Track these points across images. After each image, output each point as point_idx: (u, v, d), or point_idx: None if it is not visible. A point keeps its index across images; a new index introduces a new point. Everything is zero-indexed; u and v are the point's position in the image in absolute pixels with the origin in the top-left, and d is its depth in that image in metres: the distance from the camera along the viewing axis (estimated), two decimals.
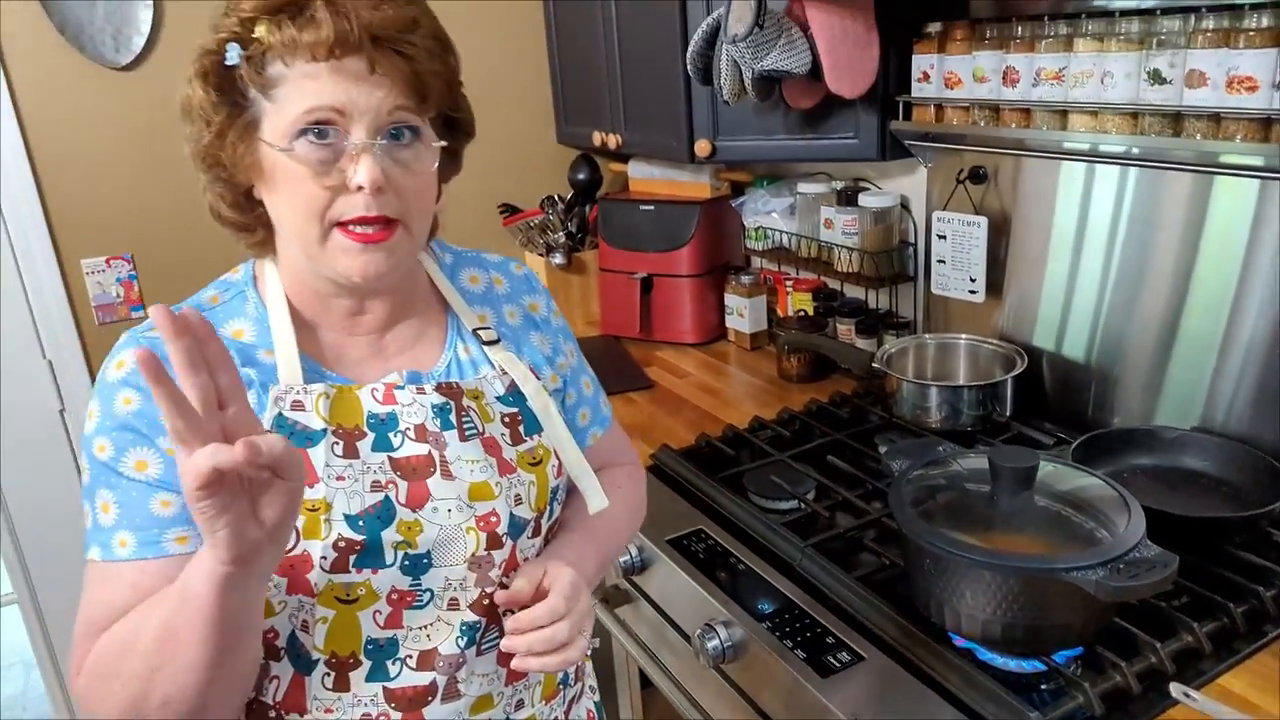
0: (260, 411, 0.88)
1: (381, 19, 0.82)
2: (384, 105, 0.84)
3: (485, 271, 1.10)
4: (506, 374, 1.01)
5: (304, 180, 0.84)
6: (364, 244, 0.86)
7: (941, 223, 1.82)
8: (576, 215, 2.66)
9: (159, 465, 0.86)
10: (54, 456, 2.25)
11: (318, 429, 0.88)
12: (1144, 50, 1.40)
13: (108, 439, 0.87)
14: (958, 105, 1.71)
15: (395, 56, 0.83)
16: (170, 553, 0.86)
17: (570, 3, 2.41)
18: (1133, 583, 1.00)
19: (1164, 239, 1.51)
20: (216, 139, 0.87)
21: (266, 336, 0.93)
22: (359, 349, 0.97)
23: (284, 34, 0.81)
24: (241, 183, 0.90)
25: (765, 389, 2.13)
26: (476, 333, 1.02)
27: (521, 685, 1.01)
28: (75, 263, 2.17)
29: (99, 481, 0.87)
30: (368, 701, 0.92)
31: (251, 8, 0.83)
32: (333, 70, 0.82)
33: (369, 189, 0.84)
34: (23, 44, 2.03)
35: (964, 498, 1.24)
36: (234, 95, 0.86)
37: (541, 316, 1.11)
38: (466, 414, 0.96)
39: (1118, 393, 1.63)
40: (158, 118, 2.19)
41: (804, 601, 1.31)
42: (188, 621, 0.75)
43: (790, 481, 1.58)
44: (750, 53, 1.67)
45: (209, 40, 0.86)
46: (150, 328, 0.91)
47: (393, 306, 0.98)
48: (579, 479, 1.02)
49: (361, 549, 0.88)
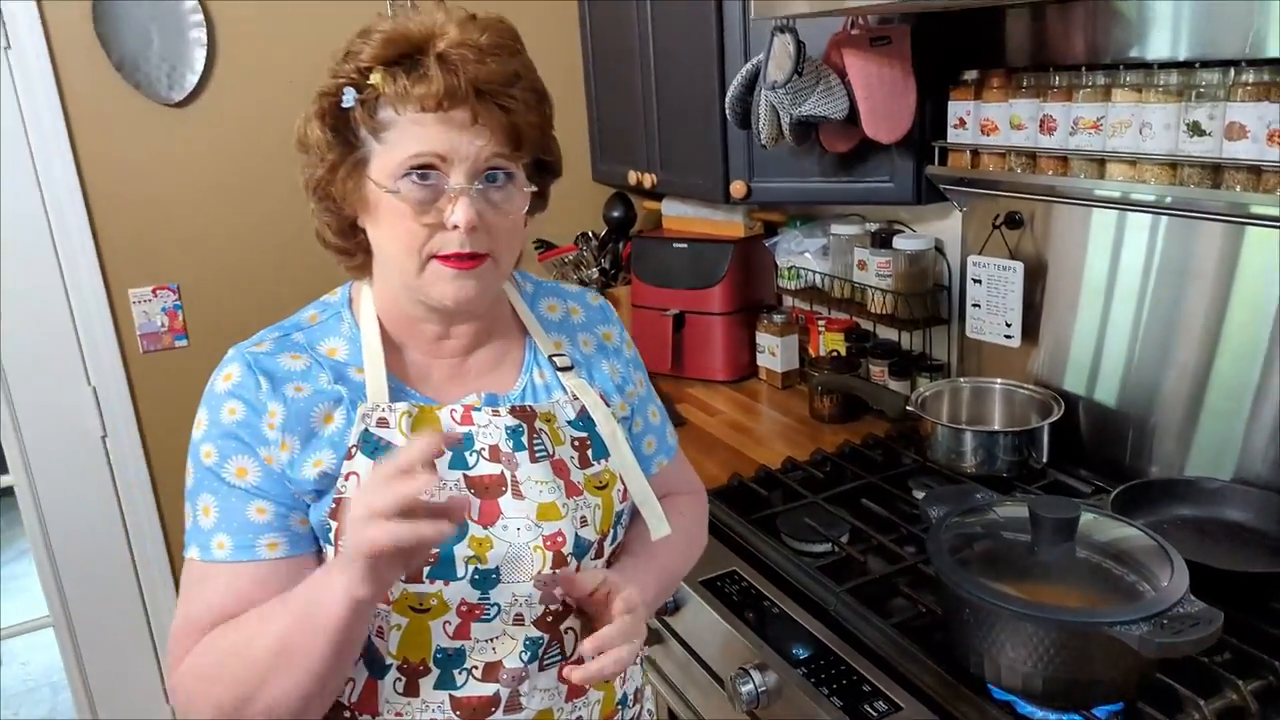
0: (348, 427, 0.95)
1: (487, 74, 0.89)
2: (482, 153, 0.91)
3: (563, 301, 1.16)
4: (578, 399, 1.06)
5: (405, 217, 0.91)
6: (457, 270, 0.93)
7: (977, 267, 1.83)
8: (610, 252, 2.69)
9: (258, 473, 0.93)
10: (95, 482, 2.28)
11: (400, 446, 0.93)
12: (1183, 102, 1.41)
13: (214, 445, 0.94)
14: (994, 151, 1.72)
15: (496, 109, 0.90)
16: (262, 557, 0.93)
17: (609, 45, 2.46)
18: (1177, 639, 0.99)
19: (1197, 288, 1.51)
20: (329, 173, 0.95)
21: (358, 355, 0.99)
22: (442, 370, 1.03)
23: (398, 85, 0.89)
24: (348, 213, 0.98)
25: (796, 429, 2.13)
26: (552, 359, 1.08)
27: (581, 703, 1.03)
28: (123, 292, 2.21)
29: (202, 485, 0.94)
30: (435, 708, 0.96)
31: (369, 57, 0.91)
32: (438, 120, 0.89)
33: (464, 228, 0.90)
34: (81, 79, 2.09)
35: (1002, 546, 1.24)
36: (347, 135, 0.93)
37: (614, 346, 1.15)
38: (538, 436, 1.01)
39: (1155, 441, 1.62)
40: (207, 153, 2.25)
41: (839, 647, 1.31)
42: (310, 638, 0.83)
43: (824, 524, 1.58)
44: (789, 98, 1.69)
45: (328, 84, 0.94)
46: (255, 343, 0.99)
47: (476, 332, 1.04)
48: (642, 505, 1.06)
49: (435, 561, 0.93)
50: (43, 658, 3.45)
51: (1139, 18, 1.53)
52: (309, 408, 0.95)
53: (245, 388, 0.95)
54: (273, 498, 0.93)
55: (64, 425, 2.23)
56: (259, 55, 2.25)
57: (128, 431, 2.27)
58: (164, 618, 2.40)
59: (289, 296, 2.35)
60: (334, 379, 0.97)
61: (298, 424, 0.94)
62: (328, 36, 2.60)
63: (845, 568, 1.47)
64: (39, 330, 2.16)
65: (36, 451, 2.21)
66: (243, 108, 2.26)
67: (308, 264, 2.38)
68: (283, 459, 0.93)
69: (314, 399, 0.95)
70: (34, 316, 2.15)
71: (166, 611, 2.39)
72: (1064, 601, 1.11)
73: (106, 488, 2.30)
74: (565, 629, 1.00)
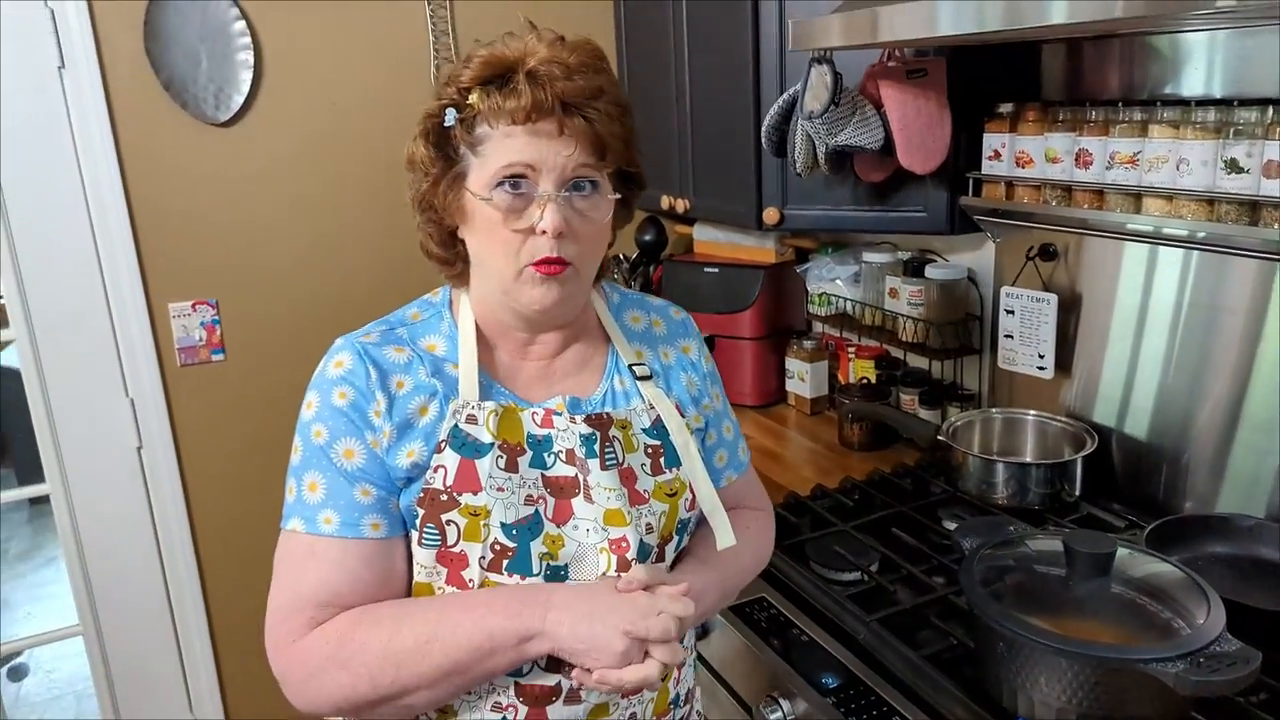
0: (440, 420, 1.02)
1: (572, 88, 0.97)
2: (569, 162, 0.98)
3: (646, 313, 1.22)
4: (654, 409, 1.11)
5: (499, 224, 0.99)
6: (545, 276, 1.00)
7: (1010, 298, 1.83)
8: (641, 275, 2.71)
9: (363, 456, 1.00)
10: (128, 493, 2.31)
11: (486, 442, 1.02)
12: (1221, 139, 1.41)
13: (324, 426, 1.02)
14: (1028, 184, 1.72)
15: (581, 120, 0.98)
16: (366, 536, 1.00)
17: (644, 73, 2.49)
18: (1214, 677, 0.99)
19: (1230, 323, 1.51)
20: (432, 186, 1.03)
21: (454, 352, 1.07)
22: (530, 371, 1.11)
23: (491, 101, 0.97)
24: (448, 225, 1.06)
25: (825, 455, 2.13)
26: (632, 368, 1.14)
27: (636, 700, 1.08)
28: (163, 306, 2.25)
29: (310, 463, 1.02)
30: (501, 691, 1.02)
31: (469, 79, 0.99)
32: (528, 131, 0.97)
33: (551, 233, 0.98)
34: (130, 97, 2.14)
35: (1035, 580, 1.23)
36: (447, 151, 1.02)
37: (692, 360, 1.21)
38: (610, 445, 1.07)
39: (1188, 477, 1.61)
40: (250, 172, 2.30)
41: (868, 677, 1.31)
42: (490, 668, 0.95)
43: (853, 552, 1.58)
44: (825, 128, 1.71)
45: (433, 105, 1.03)
46: (363, 334, 1.07)
47: (562, 338, 1.11)
48: (711, 515, 1.10)
49: (513, 555, 1.00)
50: (69, 666, 3.48)
51: (1175, 55, 1.54)
52: (408, 400, 1.02)
53: (356, 375, 1.02)
54: (375, 481, 1.00)
55: (101, 436, 2.26)
56: (303, 77, 2.30)
57: (163, 444, 2.31)
58: (191, 629, 2.42)
59: (326, 314, 2.41)
60: (431, 372, 1.04)
61: (398, 414, 1.01)
62: (369, 60, 2.68)
63: (875, 597, 1.47)
64: (80, 342, 2.20)
65: (73, 461, 2.25)
66: (285, 129, 2.31)
67: (345, 283, 2.43)
68: (384, 444, 1.00)
69: (413, 392, 1.03)
70: (76, 328, 2.19)
71: (194, 623, 2.42)
72: (1098, 637, 1.11)
73: (140, 499, 2.33)
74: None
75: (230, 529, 2.42)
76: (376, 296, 2.47)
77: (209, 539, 2.41)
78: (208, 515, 2.40)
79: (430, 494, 1.00)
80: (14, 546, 4.56)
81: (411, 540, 1.03)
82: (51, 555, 4.38)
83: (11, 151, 2.07)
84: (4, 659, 3.42)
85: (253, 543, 2.44)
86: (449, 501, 1.00)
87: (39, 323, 2.16)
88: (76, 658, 3.39)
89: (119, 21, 2.10)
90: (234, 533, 2.43)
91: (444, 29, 2.42)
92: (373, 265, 2.46)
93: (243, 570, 2.45)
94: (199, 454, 2.36)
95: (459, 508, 1.00)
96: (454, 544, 1.00)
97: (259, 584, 2.58)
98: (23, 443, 4.34)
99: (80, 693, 3.34)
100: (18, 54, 2.05)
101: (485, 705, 1.02)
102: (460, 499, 1.00)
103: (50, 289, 2.15)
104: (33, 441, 2.23)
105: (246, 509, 2.43)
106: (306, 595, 0.99)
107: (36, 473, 2.29)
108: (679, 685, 1.15)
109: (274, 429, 2.40)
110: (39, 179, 2.11)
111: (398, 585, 1.03)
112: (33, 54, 2.06)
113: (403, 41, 2.39)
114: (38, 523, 4.74)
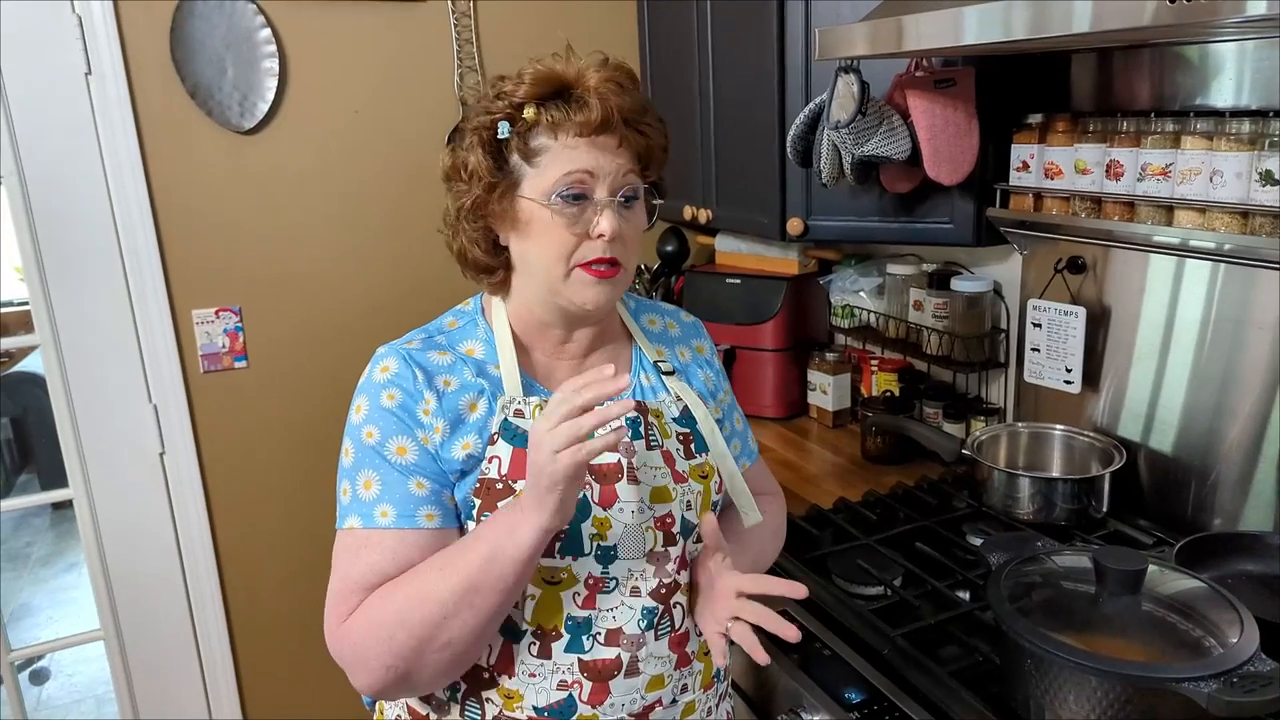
0: (490, 415, 1.09)
1: (629, 104, 1.06)
2: (621, 171, 1.07)
3: (661, 316, 1.31)
4: (680, 400, 1.20)
5: (557, 229, 1.06)
6: (598, 279, 1.07)
7: (1037, 311, 1.81)
8: (662, 285, 2.70)
9: (415, 452, 1.06)
10: (150, 498, 2.32)
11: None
12: (1255, 151, 1.39)
13: (376, 427, 1.07)
14: (1057, 195, 1.71)
15: (635, 134, 1.07)
16: (421, 526, 1.05)
17: (669, 83, 2.48)
18: (1248, 698, 0.97)
19: (1261, 338, 1.49)
20: (485, 193, 1.08)
21: (493, 355, 1.14)
22: (564, 370, 1.17)
23: (555, 114, 1.04)
24: (495, 232, 1.12)
25: (847, 468, 2.11)
26: (656, 364, 1.22)
27: (686, 671, 1.16)
28: (186, 312, 2.26)
29: (363, 463, 1.06)
30: (565, 670, 1.08)
31: (524, 94, 1.05)
32: (590, 143, 1.05)
33: (608, 236, 1.05)
34: (156, 105, 2.16)
35: (1063, 596, 1.21)
36: (501, 160, 1.08)
37: (705, 358, 1.31)
38: (651, 428, 1.15)
39: (1217, 493, 1.58)
40: (274, 180, 2.31)
41: (892, 693, 1.29)
42: (499, 571, 0.97)
43: (877, 566, 1.56)
44: (852, 138, 1.70)
45: (484, 118, 1.08)
46: (405, 341, 1.13)
47: (593, 336, 1.18)
48: (737, 495, 1.21)
49: (565, 538, 1.06)
50: (89, 670, 3.50)
51: (1206, 65, 1.52)
52: (457, 397, 1.08)
53: (403, 377, 1.08)
54: (429, 475, 1.06)
55: (124, 441, 2.28)
56: (327, 85, 2.31)
57: (185, 449, 2.32)
58: (211, 634, 2.43)
59: (348, 321, 2.42)
60: (475, 373, 1.11)
61: (449, 411, 1.07)
62: (393, 69, 2.69)
63: (899, 611, 1.45)
64: (105, 347, 2.22)
65: (96, 466, 2.26)
66: (309, 136, 2.32)
67: (367, 289, 2.44)
68: (436, 440, 1.06)
69: (461, 390, 1.09)
70: (100, 334, 2.21)
71: (214, 627, 2.42)
72: (1128, 655, 1.09)
73: (162, 504, 2.34)
74: (674, 603, 1.13)
75: (251, 534, 2.43)
76: (399, 303, 2.49)
77: (229, 544, 2.41)
78: (228, 521, 2.40)
79: (486, 484, 1.06)
80: (36, 551, 4.60)
81: (468, 529, 1.07)
82: (73, 560, 4.42)
83: (38, 156, 2.09)
84: (26, 663, 3.44)
85: (273, 548, 2.45)
86: (504, 489, 1.06)
87: (64, 328, 2.17)
88: (97, 661, 3.41)
89: (146, 29, 2.12)
90: (254, 538, 2.43)
91: (468, 37, 2.43)
92: (395, 272, 2.46)
93: (263, 576, 2.46)
94: (220, 460, 2.37)
95: (515, 494, 1.05)
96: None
97: (279, 589, 2.61)
98: (46, 448, 4.39)
99: (101, 696, 3.36)
100: (45, 60, 2.07)
101: (551, 684, 1.08)
102: (516, 486, 1.06)
103: (75, 294, 2.17)
104: (56, 447, 2.24)
105: (267, 514, 2.43)
106: (356, 579, 1.04)
107: (59, 478, 2.30)
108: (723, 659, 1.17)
109: (295, 434, 2.42)
110: (65, 184, 2.12)
111: None
112: (60, 60, 2.08)
113: (427, 50, 2.40)
114: (60, 528, 4.78)
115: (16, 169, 2.08)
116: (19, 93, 2.06)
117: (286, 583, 2.46)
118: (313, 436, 2.40)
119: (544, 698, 1.08)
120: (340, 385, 1.11)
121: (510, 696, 1.09)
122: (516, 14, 2.47)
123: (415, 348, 1.11)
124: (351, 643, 1.03)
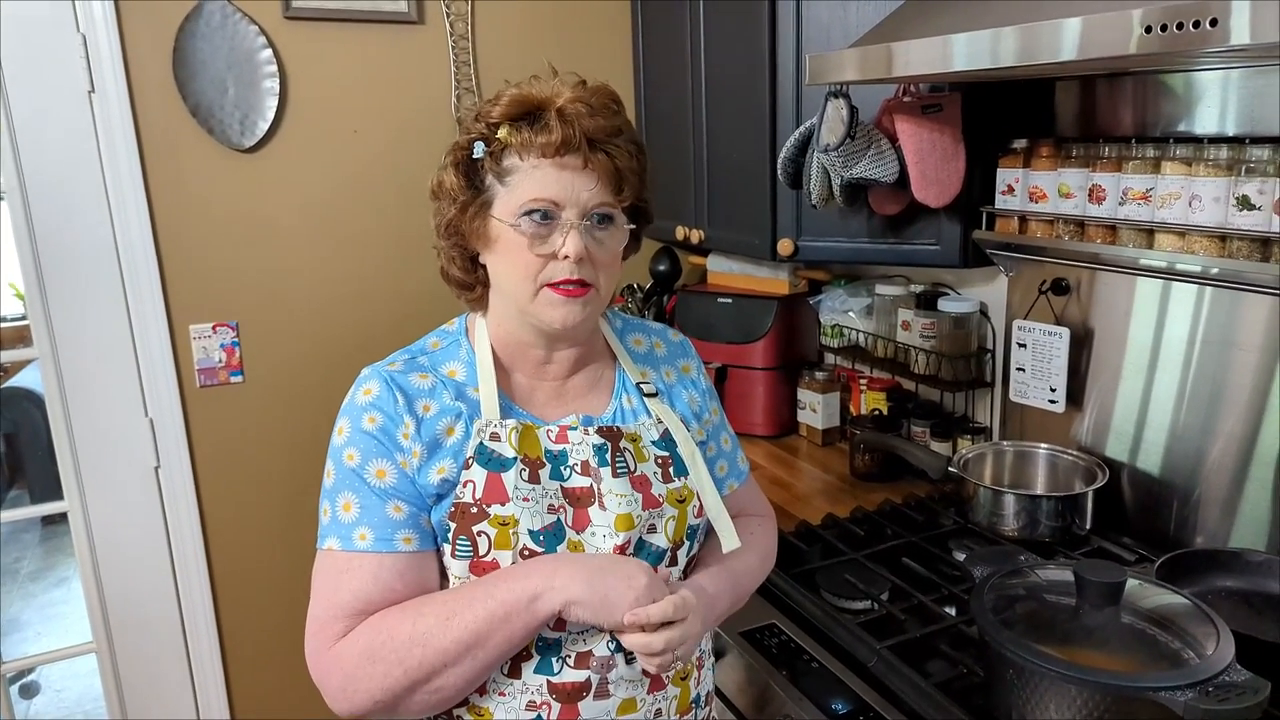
0: (466, 439, 1.08)
1: (596, 126, 1.06)
2: (590, 195, 1.07)
3: (648, 336, 1.30)
4: (661, 423, 1.19)
5: (523, 249, 1.06)
6: (566, 298, 1.07)
7: (1022, 331, 1.85)
8: (654, 305, 2.73)
9: (394, 476, 1.06)
10: (145, 512, 2.33)
11: (510, 457, 1.08)
12: (1233, 176, 1.43)
13: (356, 449, 1.07)
14: (1042, 218, 1.75)
15: (603, 156, 1.06)
16: (399, 550, 1.06)
17: (661, 106, 2.53)
18: (1223, 706, 0.99)
19: (1242, 359, 1.52)
20: (459, 213, 1.10)
21: (474, 376, 1.13)
22: (545, 391, 1.18)
23: (522, 136, 1.05)
24: (471, 250, 1.13)
25: (836, 485, 2.14)
26: (639, 386, 1.21)
27: (660, 695, 1.14)
28: (184, 327, 2.29)
29: (343, 485, 1.07)
30: (534, 690, 1.08)
31: (498, 114, 1.07)
32: (555, 165, 1.05)
33: (573, 258, 1.05)
34: (157, 122, 2.19)
35: (1045, 609, 1.24)
36: (475, 180, 1.10)
37: (692, 378, 1.29)
38: (621, 455, 1.14)
39: (1199, 512, 1.61)
40: (273, 198, 2.34)
41: (878, 704, 1.31)
42: (507, 635, 1.00)
43: (864, 581, 1.58)
44: (841, 161, 1.74)
45: (461, 139, 1.10)
46: (388, 363, 1.13)
47: (575, 358, 1.18)
48: (715, 520, 1.18)
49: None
50: (79, 685, 3.49)
51: (1188, 93, 1.56)
52: (435, 421, 1.08)
53: (385, 400, 1.08)
54: (407, 498, 1.06)
55: (120, 455, 2.29)
56: (326, 105, 2.35)
57: (180, 464, 2.33)
58: (203, 648, 2.43)
59: (344, 337, 2.44)
60: (454, 395, 1.11)
61: (427, 435, 1.07)
62: (391, 89, 2.72)
63: (885, 625, 1.47)
64: (102, 361, 2.24)
65: (91, 479, 2.27)
66: (309, 155, 2.35)
67: (364, 306, 2.46)
68: (414, 464, 1.07)
69: (439, 414, 1.09)
70: (98, 347, 2.23)
71: (206, 642, 2.43)
72: (1108, 666, 1.11)
73: (156, 518, 2.35)
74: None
75: (244, 549, 2.44)
76: (395, 321, 2.52)
77: (223, 558, 2.42)
78: (222, 535, 2.42)
79: (461, 507, 1.06)
80: (25, 566, 4.58)
81: (445, 554, 1.09)
82: (63, 576, 4.40)
83: (40, 172, 2.12)
84: (16, 676, 3.43)
85: (266, 564, 2.46)
86: (479, 513, 1.06)
87: (62, 342, 2.19)
88: (87, 677, 3.40)
89: (148, 48, 2.15)
90: (248, 553, 2.44)
91: (465, 59, 2.47)
92: (392, 290, 2.49)
93: (256, 591, 2.47)
94: (215, 474, 2.38)
95: (489, 518, 1.06)
96: (485, 554, 1.06)
97: (271, 605, 2.61)
98: (36, 463, 4.39)
99: (89, 712, 3.34)
100: (49, 78, 2.10)
101: (519, 704, 1.07)
102: (490, 510, 1.06)
103: (74, 308, 2.19)
104: (46, 462, 2.25)
105: (261, 530, 2.44)
106: (342, 605, 1.04)
107: (50, 493, 2.31)
108: (699, 686, 1.20)
109: (290, 450, 2.43)
110: (66, 200, 2.15)
111: None
112: (63, 79, 2.11)
113: (425, 71, 2.44)
114: (50, 543, 4.76)
115: (19, 184, 2.10)
116: (22, 110, 2.09)
117: (279, 598, 2.47)
118: (307, 452, 2.41)
119: (513, 715, 1.08)
120: (336, 402, 1.12)
121: (480, 713, 1.09)
122: (514, 37, 2.52)
123: (398, 369, 1.11)
124: (343, 671, 1.03)
